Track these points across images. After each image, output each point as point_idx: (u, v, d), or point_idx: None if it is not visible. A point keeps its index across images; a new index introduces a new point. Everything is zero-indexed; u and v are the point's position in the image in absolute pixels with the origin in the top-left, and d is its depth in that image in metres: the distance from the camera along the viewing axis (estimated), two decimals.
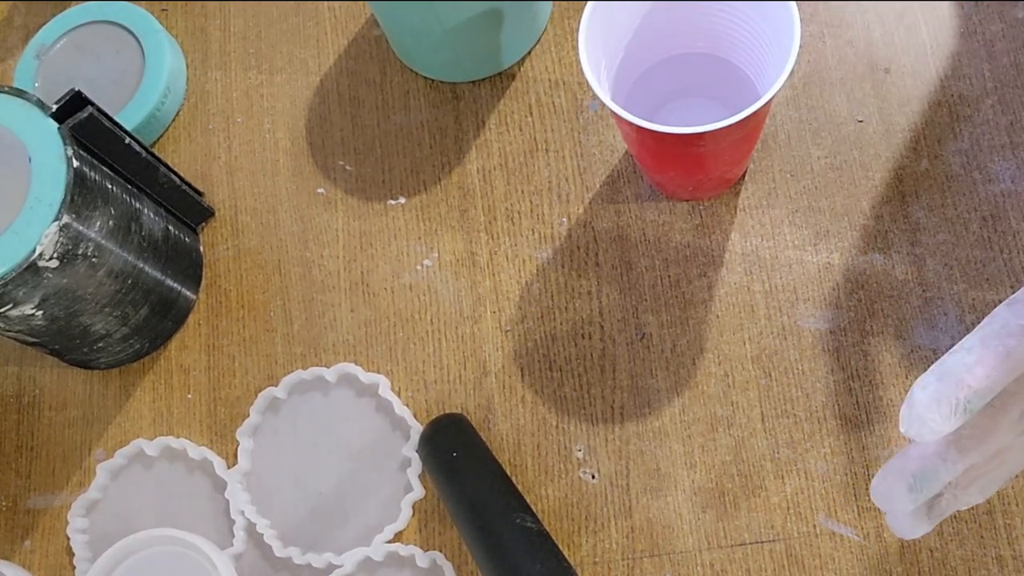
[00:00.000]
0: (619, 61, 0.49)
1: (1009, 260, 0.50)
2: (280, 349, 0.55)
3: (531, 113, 0.57)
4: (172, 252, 0.55)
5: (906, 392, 0.48)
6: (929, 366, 0.48)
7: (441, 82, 0.59)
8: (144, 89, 0.60)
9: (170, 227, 0.55)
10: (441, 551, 0.50)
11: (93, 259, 0.49)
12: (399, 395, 0.53)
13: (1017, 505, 0.46)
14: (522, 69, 0.58)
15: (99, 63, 0.62)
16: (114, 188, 0.50)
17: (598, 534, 0.49)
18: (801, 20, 0.44)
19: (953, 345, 0.49)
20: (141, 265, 0.52)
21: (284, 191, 0.59)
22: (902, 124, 0.53)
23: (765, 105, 0.42)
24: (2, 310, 0.47)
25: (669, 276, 0.52)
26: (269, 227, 0.58)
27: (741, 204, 0.53)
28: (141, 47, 0.61)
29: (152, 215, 0.54)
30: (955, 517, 0.46)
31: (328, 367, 0.54)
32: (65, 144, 0.47)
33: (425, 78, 0.59)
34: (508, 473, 0.49)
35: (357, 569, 0.51)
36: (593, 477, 0.50)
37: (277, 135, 0.60)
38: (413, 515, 0.51)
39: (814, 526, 0.47)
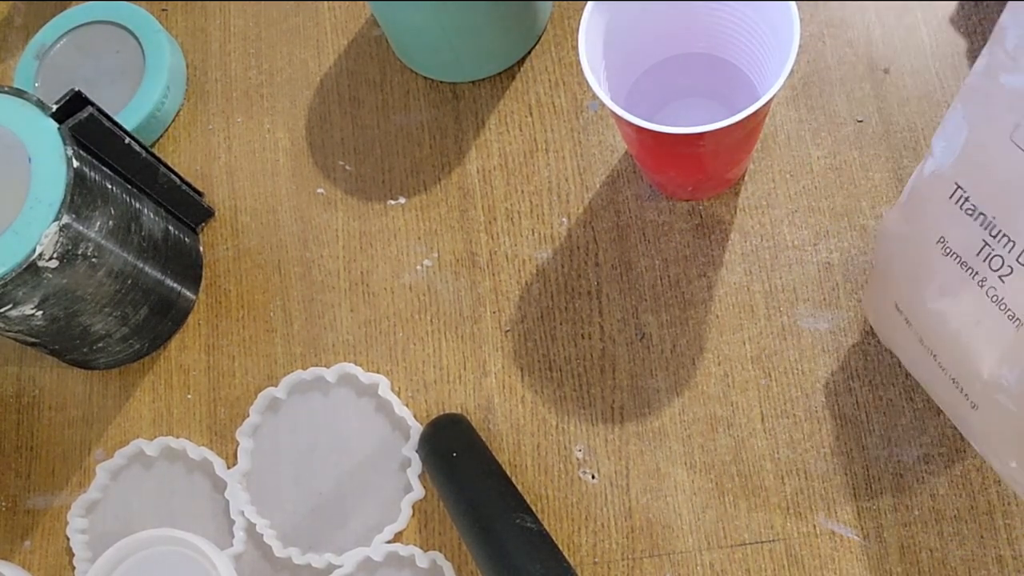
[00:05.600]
0: (619, 61, 0.49)
1: None
2: (280, 349, 0.55)
3: (531, 113, 0.57)
4: (172, 252, 0.55)
5: (906, 392, 0.48)
6: None
7: (441, 82, 0.59)
8: (144, 89, 0.60)
9: (170, 227, 0.55)
10: (441, 551, 0.50)
11: (93, 259, 0.49)
12: (399, 395, 0.53)
13: (1017, 505, 0.46)
14: (522, 69, 0.58)
15: (99, 63, 0.62)
16: (114, 188, 0.50)
17: (598, 534, 0.49)
18: (801, 20, 0.44)
19: None
20: (141, 265, 0.52)
21: (284, 191, 0.59)
22: (902, 124, 0.53)
23: (765, 105, 0.42)
24: (2, 310, 0.47)
25: (669, 276, 0.52)
26: (269, 227, 0.58)
27: (741, 204, 0.53)
28: (141, 47, 0.61)
29: (152, 215, 0.54)
30: (955, 517, 0.46)
31: (328, 367, 0.54)
32: (65, 144, 0.47)
33: (425, 78, 0.59)
34: (508, 473, 0.49)
35: (357, 569, 0.51)
36: (593, 477, 0.50)
37: (277, 135, 0.60)
38: (413, 515, 0.51)
39: (814, 526, 0.47)
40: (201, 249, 0.58)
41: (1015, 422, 0.37)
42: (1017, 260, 0.34)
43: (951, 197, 0.36)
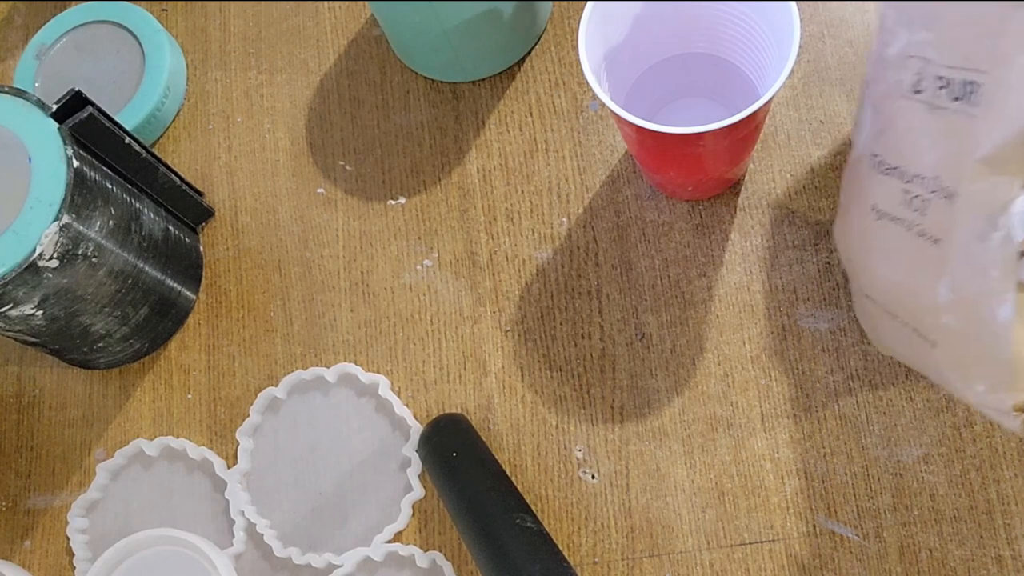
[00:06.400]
0: (619, 61, 0.49)
1: None
2: (280, 349, 0.55)
3: (531, 113, 0.57)
4: (172, 252, 0.55)
5: (906, 392, 0.48)
6: None
7: (441, 82, 0.59)
8: (144, 89, 0.60)
9: (170, 227, 0.55)
10: (441, 551, 0.50)
11: (93, 259, 0.49)
12: (399, 395, 0.53)
13: (1017, 505, 0.46)
14: (522, 69, 0.58)
15: (99, 63, 0.62)
16: (114, 188, 0.50)
17: (598, 534, 0.49)
18: (801, 20, 0.44)
19: None
20: (141, 265, 0.52)
21: (284, 191, 0.59)
22: None
23: (765, 105, 0.42)
24: (2, 310, 0.47)
25: (669, 276, 0.52)
26: (269, 227, 0.58)
27: (741, 204, 0.53)
28: (141, 47, 0.61)
29: (152, 215, 0.54)
30: (955, 517, 0.46)
31: (328, 367, 0.54)
32: (65, 144, 0.47)
33: (425, 78, 0.59)
34: (508, 473, 0.49)
35: (357, 569, 0.51)
36: (593, 477, 0.50)
37: (277, 135, 0.60)
38: (413, 515, 0.51)
39: (814, 526, 0.47)
40: (201, 249, 0.58)
41: (965, 340, 0.39)
42: (930, 192, 0.38)
43: (871, 166, 0.42)
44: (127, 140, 0.51)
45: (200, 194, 0.58)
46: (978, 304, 0.37)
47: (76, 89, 0.49)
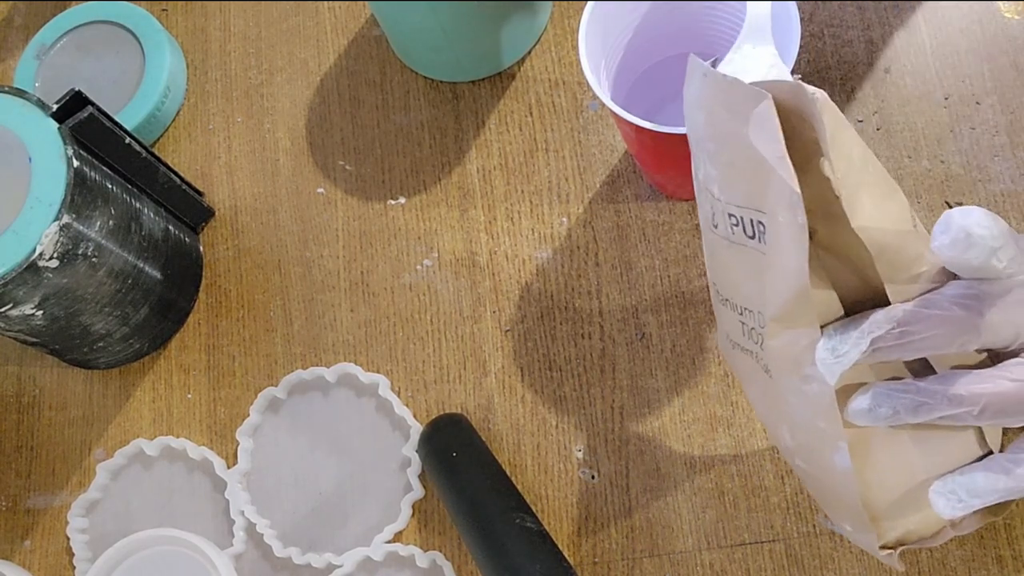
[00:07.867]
0: (619, 61, 0.49)
1: None
2: (280, 349, 0.55)
3: (531, 113, 0.57)
4: (172, 252, 0.55)
5: None
6: None
7: (441, 82, 0.59)
8: (144, 89, 0.60)
9: (170, 227, 0.55)
10: (441, 551, 0.50)
11: (93, 259, 0.49)
12: (399, 395, 0.53)
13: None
14: (522, 69, 0.58)
15: (99, 63, 0.62)
16: (114, 188, 0.50)
17: (598, 534, 0.49)
18: (801, 20, 0.44)
19: None
20: (141, 265, 0.52)
21: (284, 191, 0.59)
22: (902, 124, 0.53)
23: None
24: (2, 310, 0.47)
25: (669, 276, 0.52)
26: (269, 227, 0.58)
27: None
28: (141, 47, 0.61)
29: (152, 215, 0.54)
30: None
31: (328, 367, 0.54)
32: (65, 144, 0.47)
33: (425, 78, 0.59)
34: (508, 473, 0.49)
35: (357, 569, 0.51)
36: (593, 477, 0.50)
37: (277, 135, 0.60)
38: (413, 515, 0.51)
39: (814, 526, 0.47)
40: (201, 249, 0.58)
41: (818, 483, 0.38)
42: (760, 325, 0.36)
43: (714, 294, 0.40)
44: (127, 140, 0.51)
45: (200, 194, 0.58)
46: (816, 452, 0.36)
47: (76, 89, 0.49)
